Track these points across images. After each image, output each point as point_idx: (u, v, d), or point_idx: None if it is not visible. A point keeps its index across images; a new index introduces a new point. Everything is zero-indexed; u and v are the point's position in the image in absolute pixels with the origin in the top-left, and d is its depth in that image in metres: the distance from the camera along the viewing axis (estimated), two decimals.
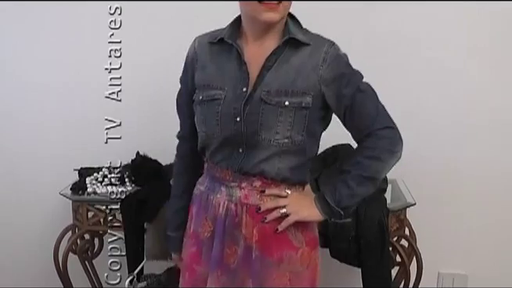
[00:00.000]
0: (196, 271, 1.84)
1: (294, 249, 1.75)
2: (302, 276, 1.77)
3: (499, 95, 2.79)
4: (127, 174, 2.52)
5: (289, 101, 1.65)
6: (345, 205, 1.70)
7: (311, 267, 1.79)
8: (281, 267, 1.74)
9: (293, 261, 1.75)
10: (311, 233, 1.79)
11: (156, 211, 2.30)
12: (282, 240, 1.74)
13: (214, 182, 1.79)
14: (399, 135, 1.70)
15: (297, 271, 1.76)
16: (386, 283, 2.39)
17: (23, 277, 3.11)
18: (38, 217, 2.98)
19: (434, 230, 2.86)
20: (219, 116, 1.70)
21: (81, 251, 2.57)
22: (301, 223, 1.74)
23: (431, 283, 3.01)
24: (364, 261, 2.29)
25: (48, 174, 2.88)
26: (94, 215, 2.46)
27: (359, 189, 1.69)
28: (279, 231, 1.72)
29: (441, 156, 2.84)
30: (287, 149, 1.68)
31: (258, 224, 1.73)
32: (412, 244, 2.49)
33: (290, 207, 1.72)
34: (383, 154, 1.68)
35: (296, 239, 1.75)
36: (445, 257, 2.98)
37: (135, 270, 2.31)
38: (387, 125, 1.68)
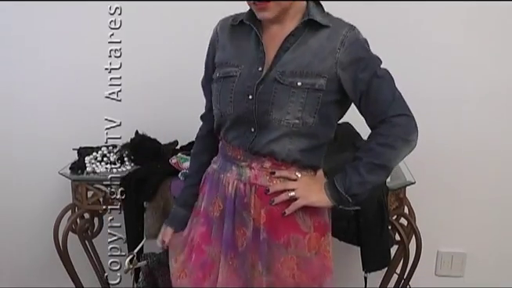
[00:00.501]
0: (205, 252, 1.83)
1: (302, 233, 1.75)
2: (310, 263, 1.76)
3: (499, 72, 2.78)
4: (126, 153, 2.52)
5: (302, 82, 1.65)
6: (355, 192, 1.68)
7: (321, 254, 1.78)
8: (288, 251, 1.74)
9: (301, 246, 1.74)
10: (320, 218, 1.78)
11: (155, 190, 2.30)
12: (289, 224, 1.73)
13: (226, 161, 1.79)
14: (415, 124, 1.68)
15: (304, 256, 1.75)
16: (385, 262, 2.40)
17: (24, 257, 3.12)
18: (38, 196, 2.98)
19: (433, 209, 2.88)
20: (233, 93, 1.71)
21: (81, 230, 2.57)
22: (310, 207, 1.74)
23: (430, 262, 3.03)
24: (363, 240, 2.30)
25: (47, 154, 2.87)
26: (93, 194, 2.46)
27: (370, 176, 1.67)
28: (287, 214, 1.72)
29: (440, 136, 2.84)
30: (298, 131, 1.68)
31: (266, 205, 1.73)
32: (412, 223, 2.49)
33: (298, 191, 1.71)
34: (396, 142, 1.65)
35: (304, 223, 1.75)
36: (444, 235, 3.00)
37: (135, 249, 2.31)
38: (402, 113, 1.66)
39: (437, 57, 2.75)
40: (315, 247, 1.76)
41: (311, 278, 1.77)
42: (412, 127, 1.68)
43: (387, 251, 2.38)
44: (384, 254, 2.37)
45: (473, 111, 2.82)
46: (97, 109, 2.62)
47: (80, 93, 2.82)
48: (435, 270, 3.09)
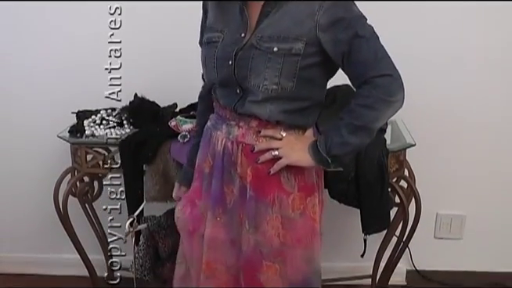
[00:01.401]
0: (197, 205, 1.89)
1: (286, 193, 1.76)
2: (295, 223, 1.78)
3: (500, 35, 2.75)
4: (125, 116, 2.50)
5: (278, 47, 1.64)
6: (335, 153, 1.68)
7: (307, 215, 1.79)
8: (273, 210, 1.76)
9: (285, 206, 1.76)
10: (306, 178, 1.79)
11: (154, 153, 2.29)
12: (274, 183, 1.75)
13: (218, 120, 1.83)
14: (399, 84, 1.64)
15: (289, 216, 1.77)
16: (385, 224, 2.41)
17: (24, 220, 3.13)
18: (37, 160, 2.97)
19: (433, 171, 2.87)
20: (215, 58, 1.73)
21: (81, 194, 2.57)
22: (295, 167, 1.74)
23: (429, 224, 3.04)
24: (363, 202, 2.30)
25: (46, 118, 2.86)
26: (93, 158, 2.45)
27: (351, 137, 1.66)
28: (272, 174, 1.73)
29: (441, 97, 2.82)
30: (277, 95, 1.68)
31: (253, 164, 1.75)
32: (412, 185, 2.49)
33: (282, 150, 1.72)
34: (377, 103, 1.63)
35: (288, 182, 1.76)
36: (443, 198, 3.00)
37: (135, 212, 2.32)
38: (384, 73, 1.62)
39: (437, 17, 2.72)
40: (300, 208, 1.78)
41: (296, 239, 1.79)
42: (396, 88, 1.64)
43: (387, 213, 2.39)
44: (383, 217, 2.37)
45: (474, 73, 2.80)
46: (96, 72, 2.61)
47: (79, 56, 2.79)
48: (434, 232, 3.10)
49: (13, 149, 3.00)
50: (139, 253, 2.37)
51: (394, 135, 2.51)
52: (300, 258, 1.81)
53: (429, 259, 3.12)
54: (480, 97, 2.84)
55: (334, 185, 2.28)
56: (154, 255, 2.38)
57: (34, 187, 2.99)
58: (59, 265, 3.10)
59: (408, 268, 3.13)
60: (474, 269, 3.13)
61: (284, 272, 1.80)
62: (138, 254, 2.37)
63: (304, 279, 1.83)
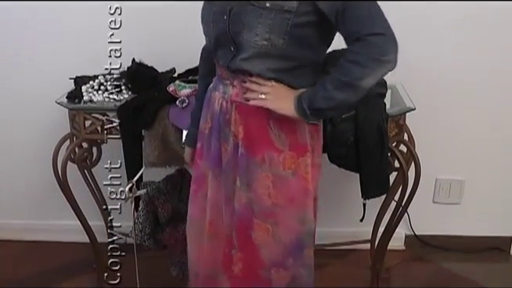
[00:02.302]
0: (200, 165, 1.94)
1: (276, 151, 1.77)
2: (287, 182, 1.78)
3: None
4: (123, 81, 2.48)
5: (271, 3, 1.62)
6: (317, 106, 1.67)
7: (299, 175, 1.79)
8: (263, 167, 1.77)
9: (275, 164, 1.77)
10: (298, 138, 1.79)
11: (153, 118, 2.28)
12: (264, 140, 1.76)
13: (217, 80, 1.85)
14: (392, 43, 1.61)
15: (280, 174, 1.78)
16: (384, 188, 2.41)
17: (23, 187, 3.13)
18: (36, 127, 2.97)
19: (432, 136, 2.87)
20: (212, 13, 1.74)
21: (80, 160, 2.56)
22: (286, 125, 1.75)
23: (429, 189, 3.05)
24: (362, 166, 2.29)
25: (43, 84, 2.85)
26: (91, 124, 2.44)
27: (336, 92, 1.64)
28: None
29: (441, 62, 2.81)
30: (266, 52, 1.68)
31: (245, 121, 1.76)
32: (411, 149, 2.48)
33: (269, 95, 1.72)
34: (367, 61, 1.60)
35: (279, 140, 1.77)
36: (442, 163, 3.00)
37: (134, 177, 2.32)
38: (378, 31, 1.59)
39: None
40: (291, 167, 1.78)
41: (289, 198, 1.80)
42: (389, 47, 1.61)
43: (386, 178, 2.38)
44: (382, 181, 2.37)
45: (475, 37, 2.78)
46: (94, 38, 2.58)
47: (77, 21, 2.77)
48: (433, 197, 3.10)
49: (11, 115, 3.00)
50: (139, 218, 2.37)
51: (394, 100, 2.50)
52: (292, 218, 1.82)
53: (428, 224, 3.13)
54: (480, 61, 2.82)
55: (333, 150, 2.27)
56: (154, 221, 2.39)
57: (33, 153, 2.99)
58: (60, 231, 3.12)
59: (407, 233, 3.15)
60: (473, 234, 3.15)
61: (276, 233, 1.81)
62: (137, 220, 2.38)
63: (296, 240, 1.84)
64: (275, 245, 1.82)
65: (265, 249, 1.83)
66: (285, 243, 1.83)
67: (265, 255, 1.84)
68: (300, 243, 1.85)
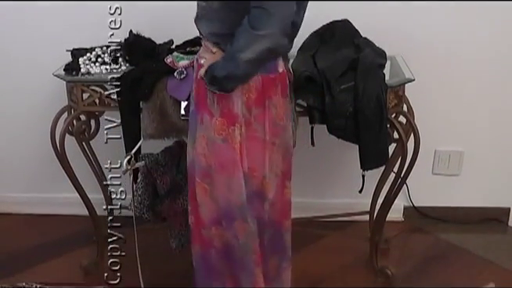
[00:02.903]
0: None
1: (210, 115, 1.84)
2: (218, 147, 1.85)
3: None
4: (120, 53, 2.47)
5: None
6: (214, 74, 1.76)
7: (230, 144, 1.84)
8: (201, 128, 1.86)
9: (208, 127, 1.85)
10: (230, 107, 1.83)
11: (151, 90, 2.26)
12: (203, 102, 1.85)
13: None
14: (270, 18, 1.64)
15: (211, 138, 1.85)
16: (383, 160, 2.40)
17: (22, 160, 3.13)
18: (33, 99, 2.97)
19: (432, 107, 2.86)
20: None
21: (78, 132, 2.55)
22: (220, 94, 1.81)
23: (428, 160, 3.05)
24: (361, 138, 2.28)
25: (40, 56, 2.83)
26: (89, 96, 2.42)
27: (225, 63, 1.75)
28: (199, 77, 1.85)
29: (441, 33, 2.79)
30: (206, 13, 1.80)
31: (196, 80, 1.88)
32: (410, 121, 2.47)
33: (206, 61, 1.83)
34: (242, 33, 1.68)
35: (212, 105, 1.84)
36: (442, 134, 3.00)
37: (133, 150, 2.31)
38: (259, 5, 1.64)
39: None
40: (222, 134, 1.84)
41: (220, 164, 1.86)
42: (263, 22, 1.65)
43: (386, 149, 2.37)
44: (381, 152, 2.36)
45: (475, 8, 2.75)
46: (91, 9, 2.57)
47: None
48: (432, 169, 3.11)
49: (8, 88, 2.99)
50: (138, 191, 2.37)
51: (393, 71, 2.48)
52: (224, 184, 1.88)
53: (427, 195, 3.14)
54: (480, 33, 2.80)
55: (332, 121, 2.26)
56: (153, 193, 2.38)
57: (31, 126, 2.98)
58: (59, 204, 3.12)
59: (405, 205, 3.15)
60: (471, 205, 3.16)
61: (212, 193, 1.89)
62: (136, 192, 2.37)
63: (229, 206, 1.89)
64: (211, 204, 1.90)
65: (204, 207, 1.91)
66: (219, 204, 1.90)
67: (204, 214, 1.92)
68: (232, 211, 1.89)
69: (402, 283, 2.68)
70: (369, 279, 2.72)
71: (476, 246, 2.97)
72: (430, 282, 2.70)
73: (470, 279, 2.72)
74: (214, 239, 1.93)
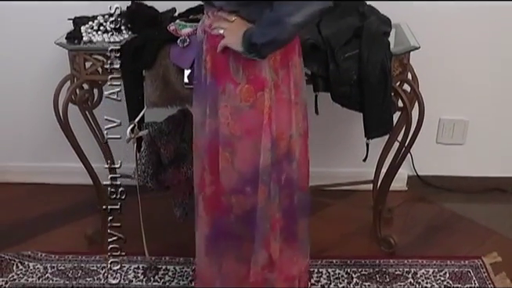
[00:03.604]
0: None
1: (234, 83, 1.80)
2: (244, 114, 1.82)
3: None
4: (123, 21, 2.45)
5: None
6: (254, 42, 1.70)
7: (257, 109, 1.81)
8: (223, 98, 1.81)
9: (233, 96, 1.80)
10: (256, 72, 1.80)
11: (154, 58, 2.25)
12: (225, 71, 1.80)
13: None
14: None
15: (237, 106, 1.81)
16: (387, 128, 2.40)
17: (26, 129, 3.14)
18: (36, 68, 2.96)
19: (436, 76, 2.84)
20: None
21: (81, 101, 2.54)
22: (243, 59, 1.77)
23: (432, 129, 3.04)
24: (366, 106, 2.27)
25: (42, 25, 2.81)
26: (91, 65, 2.41)
27: (268, 28, 1.68)
28: (218, 51, 1.78)
29: None
30: None
31: (211, 51, 1.81)
32: (415, 89, 2.45)
33: (226, 31, 1.76)
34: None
35: (237, 73, 1.79)
36: (446, 103, 2.99)
37: (136, 118, 2.30)
38: None
39: None
40: (249, 100, 1.80)
41: (246, 131, 1.84)
42: None
43: (390, 118, 2.37)
44: (386, 121, 2.36)
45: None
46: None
47: None
48: (436, 138, 3.10)
49: (11, 58, 2.97)
50: (141, 159, 2.37)
51: (398, 39, 2.46)
52: (248, 150, 1.86)
53: (430, 164, 3.14)
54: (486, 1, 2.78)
55: (336, 89, 2.25)
56: (156, 161, 2.38)
57: (34, 95, 2.98)
58: (63, 174, 3.13)
59: (409, 174, 3.15)
60: (475, 174, 3.16)
61: (234, 162, 1.86)
62: (140, 161, 2.37)
63: (252, 172, 1.87)
64: (233, 173, 1.88)
65: (225, 176, 1.89)
66: (241, 172, 1.88)
67: (225, 182, 1.89)
68: (256, 176, 1.87)
69: (405, 252, 2.69)
70: (373, 247, 2.73)
71: (479, 215, 2.98)
72: (433, 251, 2.71)
73: (473, 248, 2.73)
74: (233, 206, 1.92)
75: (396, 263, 2.61)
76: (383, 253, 2.68)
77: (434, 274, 2.54)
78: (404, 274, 2.54)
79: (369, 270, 2.57)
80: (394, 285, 2.48)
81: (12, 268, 2.57)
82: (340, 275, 2.54)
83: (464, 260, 2.63)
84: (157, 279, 2.53)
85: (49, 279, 2.53)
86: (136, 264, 2.60)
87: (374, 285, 2.48)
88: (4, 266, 2.58)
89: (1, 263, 2.59)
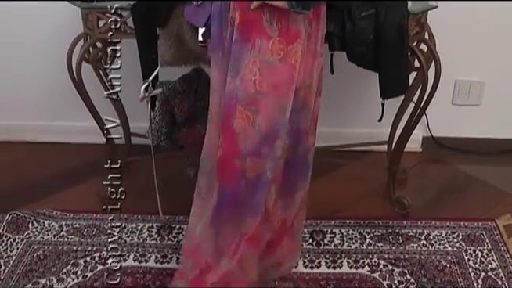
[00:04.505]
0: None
1: (266, 37, 1.78)
2: (274, 69, 1.80)
3: None
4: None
5: None
6: None
7: (288, 63, 1.80)
8: (253, 54, 1.79)
9: (264, 50, 1.78)
10: (290, 25, 1.78)
11: (167, 16, 2.23)
12: (257, 26, 1.77)
13: None
14: None
15: (267, 61, 1.79)
16: (403, 88, 2.37)
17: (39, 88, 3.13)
18: (49, 27, 2.94)
19: (453, 36, 2.80)
20: None
21: (94, 60, 2.53)
22: (278, 11, 1.74)
23: (448, 90, 3.01)
24: (382, 65, 2.24)
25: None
26: (105, 23, 2.38)
27: None
28: (252, 8, 1.75)
29: None
30: None
31: (241, 7, 1.77)
32: (432, 49, 2.42)
33: None
34: None
35: (270, 27, 1.77)
36: (463, 64, 2.95)
37: (150, 77, 2.29)
38: None
39: None
40: (280, 53, 1.79)
41: (273, 86, 1.81)
42: None
43: (406, 78, 2.34)
44: (402, 80, 2.33)
45: None
46: None
47: None
48: (452, 99, 3.07)
49: (24, 17, 2.95)
50: (155, 118, 2.36)
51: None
52: (273, 106, 1.84)
53: (445, 126, 3.12)
54: None
55: (353, 48, 2.22)
56: (170, 120, 2.38)
57: (48, 54, 2.96)
58: (77, 133, 3.13)
59: (424, 135, 3.14)
60: (490, 136, 3.14)
61: (255, 121, 1.84)
62: (154, 120, 2.36)
63: (273, 128, 1.86)
64: (253, 133, 1.85)
65: (243, 136, 1.86)
66: (262, 131, 1.85)
67: (242, 143, 1.87)
68: (275, 132, 1.87)
69: (419, 213, 2.69)
70: (386, 208, 2.73)
71: (493, 177, 2.97)
72: (446, 212, 2.71)
73: (487, 210, 2.72)
74: (246, 170, 1.90)
75: (409, 224, 2.61)
76: (396, 215, 2.68)
77: (447, 236, 2.54)
78: (417, 235, 2.55)
79: (382, 231, 2.57)
80: (407, 246, 2.48)
81: (28, 226, 2.59)
82: (353, 236, 2.54)
83: (477, 222, 2.62)
84: (171, 237, 2.55)
85: (64, 236, 2.55)
86: (150, 223, 2.62)
87: (387, 246, 2.49)
88: (20, 224, 2.60)
89: (16, 221, 2.61)
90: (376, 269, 2.37)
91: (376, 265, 2.39)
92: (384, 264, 2.40)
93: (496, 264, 2.40)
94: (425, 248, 2.48)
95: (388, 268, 2.37)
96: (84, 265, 2.40)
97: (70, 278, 2.34)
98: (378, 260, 2.42)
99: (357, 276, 2.34)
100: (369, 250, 2.47)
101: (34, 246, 2.50)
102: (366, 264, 2.40)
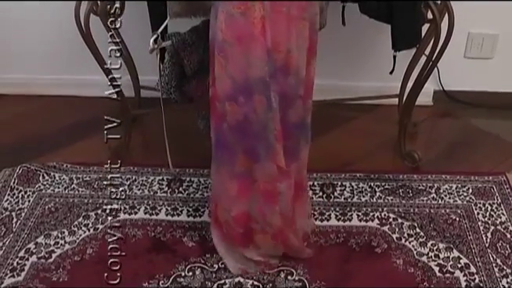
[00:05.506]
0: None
1: None
2: (235, 20, 1.83)
3: None
4: None
5: None
6: None
7: (248, 18, 1.82)
8: (222, 4, 1.84)
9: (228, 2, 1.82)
10: None
11: None
12: None
13: None
14: None
15: (230, 12, 1.83)
16: (416, 40, 2.35)
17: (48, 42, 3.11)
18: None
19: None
20: None
21: (102, 12, 2.50)
22: None
23: (460, 43, 2.97)
24: (394, 17, 2.22)
25: None
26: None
27: None
28: None
29: None
30: None
31: None
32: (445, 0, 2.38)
33: None
34: None
35: None
36: (476, 16, 2.89)
37: (159, 29, 2.26)
38: None
39: None
40: (241, 7, 1.82)
41: (237, 38, 1.85)
42: None
43: (419, 29, 2.32)
44: (414, 32, 2.31)
45: None
46: None
47: None
48: (465, 52, 3.03)
49: None
50: (165, 71, 2.34)
51: None
52: (241, 58, 1.87)
53: (457, 79, 3.08)
54: None
55: None
56: (180, 73, 2.36)
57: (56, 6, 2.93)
58: (87, 86, 3.12)
59: (435, 89, 3.11)
60: (503, 90, 3.10)
61: (227, 68, 1.89)
62: (163, 72, 2.34)
63: (245, 80, 1.89)
64: (226, 78, 1.91)
65: (219, 80, 1.92)
66: (235, 80, 1.90)
67: (219, 86, 1.93)
68: (250, 86, 1.89)
69: (429, 167, 2.69)
70: (396, 162, 2.73)
71: (505, 131, 2.95)
72: (457, 166, 2.70)
73: (498, 164, 2.72)
74: (227, 114, 1.95)
75: (420, 178, 2.61)
76: (406, 168, 2.68)
77: (457, 189, 2.54)
78: (427, 189, 2.54)
79: (392, 184, 2.57)
80: (417, 199, 2.49)
81: (39, 179, 2.61)
82: (363, 189, 2.54)
83: (488, 176, 2.62)
84: (182, 190, 2.56)
85: (75, 189, 2.56)
86: (160, 176, 2.63)
87: (397, 199, 2.49)
88: (30, 176, 2.61)
89: (27, 173, 2.62)
90: (386, 222, 2.38)
91: (386, 218, 2.40)
92: (393, 217, 2.40)
93: (506, 218, 2.40)
94: (435, 202, 2.48)
95: (398, 222, 2.38)
96: (95, 218, 2.42)
97: (82, 230, 2.36)
98: (388, 213, 2.42)
99: (367, 229, 2.35)
100: (379, 203, 2.47)
101: (45, 198, 2.52)
102: (376, 217, 2.41)
